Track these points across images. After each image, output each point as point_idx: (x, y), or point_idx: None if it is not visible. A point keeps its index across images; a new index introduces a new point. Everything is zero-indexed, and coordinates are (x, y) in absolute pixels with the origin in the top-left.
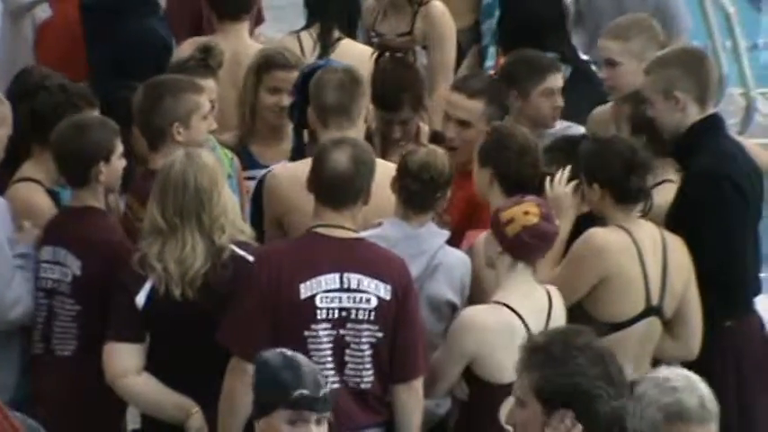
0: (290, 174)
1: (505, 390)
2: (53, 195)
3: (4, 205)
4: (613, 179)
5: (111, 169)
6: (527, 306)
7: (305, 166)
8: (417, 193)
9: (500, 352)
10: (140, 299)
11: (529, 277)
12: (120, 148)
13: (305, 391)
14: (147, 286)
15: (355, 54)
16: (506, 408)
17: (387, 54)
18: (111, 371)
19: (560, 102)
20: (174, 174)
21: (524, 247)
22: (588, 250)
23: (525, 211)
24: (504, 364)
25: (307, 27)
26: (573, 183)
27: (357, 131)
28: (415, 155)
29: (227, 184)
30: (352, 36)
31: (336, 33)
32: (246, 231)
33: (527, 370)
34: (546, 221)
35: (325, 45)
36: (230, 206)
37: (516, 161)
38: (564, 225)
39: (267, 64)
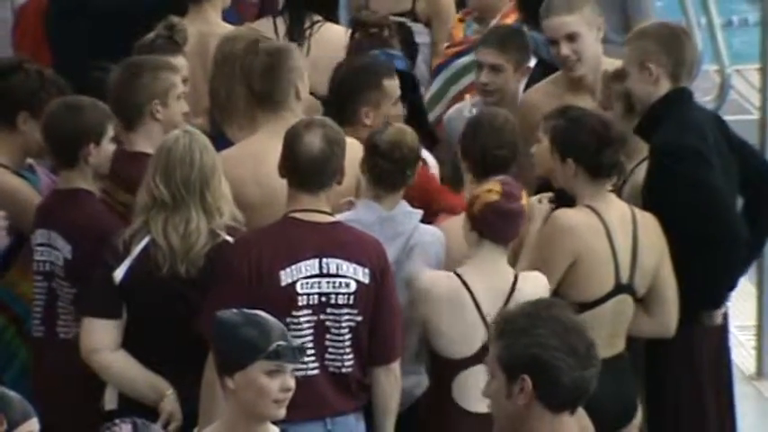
0: (238, 152)
1: (455, 365)
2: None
3: None
4: (587, 154)
5: (101, 152)
6: (483, 284)
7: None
8: (388, 171)
9: (445, 320)
10: (118, 274)
11: (495, 257)
12: (111, 131)
13: (284, 343)
14: (126, 263)
15: (332, 36)
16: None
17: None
18: (86, 346)
19: None
20: (178, 150)
21: (487, 224)
22: (556, 232)
23: (488, 189)
24: (450, 335)
25: (282, 11)
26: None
27: (293, 113)
28: (383, 133)
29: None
30: (332, 19)
31: (312, 18)
32: (238, 217)
33: (494, 340)
34: (507, 199)
35: (294, 31)
36: (226, 190)
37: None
38: (534, 225)
39: (257, 50)
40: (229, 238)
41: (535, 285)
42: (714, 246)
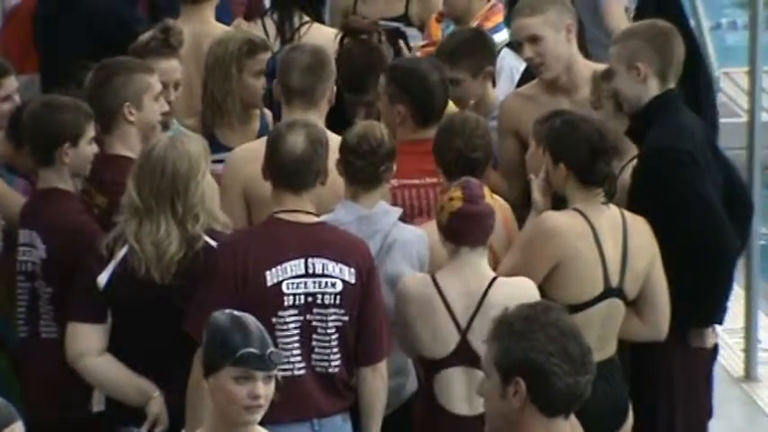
0: (251, 150)
1: (432, 365)
2: None
3: None
4: (579, 162)
5: (79, 153)
6: (457, 287)
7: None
8: (359, 167)
9: (418, 321)
10: (102, 279)
11: (474, 259)
12: (91, 132)
13: (252, 350)
14: (110, 267)
15: (321, 38)
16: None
17: (351, 36)
18: (71, 351)
19: None
20: (153, 157)
21: (456, 232)
22: (539, 234)
23: (450, 198)
24: (423, 336)
25: (270, 13)
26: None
27: (319, 114)
28: (352, 130)
29: (208, 172)
30: (319, 20)
31: (302, 18)
32: (221, 219)
33: (491, 341)
34: (470, 203)
35: (286, 31)
36: (208, 194)
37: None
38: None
39: (252, 49)
40: (212, 242)
41: (514, 290)
42: (709, 255)
